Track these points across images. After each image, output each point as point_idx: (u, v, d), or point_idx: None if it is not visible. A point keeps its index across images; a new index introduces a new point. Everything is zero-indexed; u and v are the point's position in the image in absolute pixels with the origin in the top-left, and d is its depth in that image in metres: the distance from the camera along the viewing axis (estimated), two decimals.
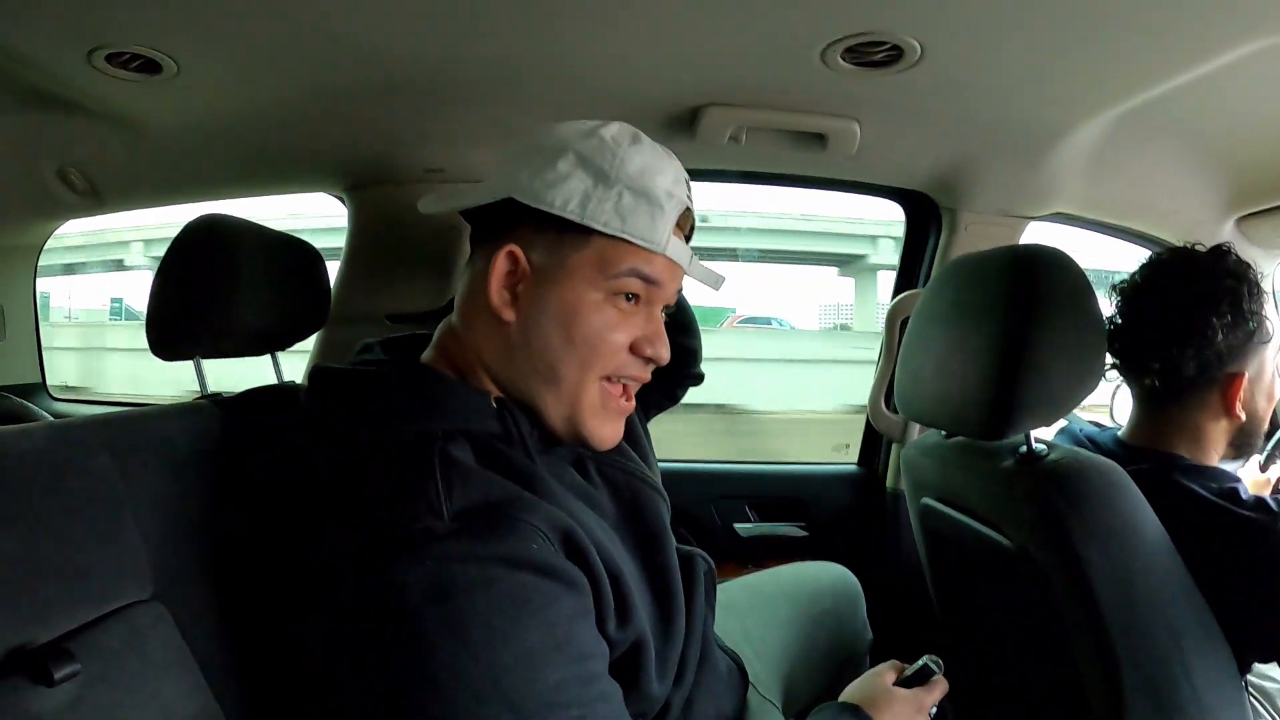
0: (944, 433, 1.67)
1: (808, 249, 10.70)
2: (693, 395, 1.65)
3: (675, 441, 2.61)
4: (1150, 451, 1.51)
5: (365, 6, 1.42)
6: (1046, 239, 2.30)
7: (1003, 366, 1.32)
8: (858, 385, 2.82)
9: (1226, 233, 2.45)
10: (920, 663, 1.35)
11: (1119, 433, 1.61)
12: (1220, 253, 1.49)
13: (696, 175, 2.26)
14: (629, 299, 1.07)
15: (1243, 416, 1.49)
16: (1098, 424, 1.74)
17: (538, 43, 1.57)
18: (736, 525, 2.43)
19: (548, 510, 0.94)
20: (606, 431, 1.11)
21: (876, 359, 2.43)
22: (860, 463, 2.58)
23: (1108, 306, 1.51)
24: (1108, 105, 1.79)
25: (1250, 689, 1.64)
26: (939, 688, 1.33)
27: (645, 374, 1.12)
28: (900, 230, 2.46)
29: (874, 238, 10.14)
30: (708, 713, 1.21)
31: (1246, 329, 1.44)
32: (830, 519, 2.45)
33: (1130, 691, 1.30)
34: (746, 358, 8.48)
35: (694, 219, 1.15)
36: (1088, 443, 1.61)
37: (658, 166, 1.08)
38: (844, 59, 1.59)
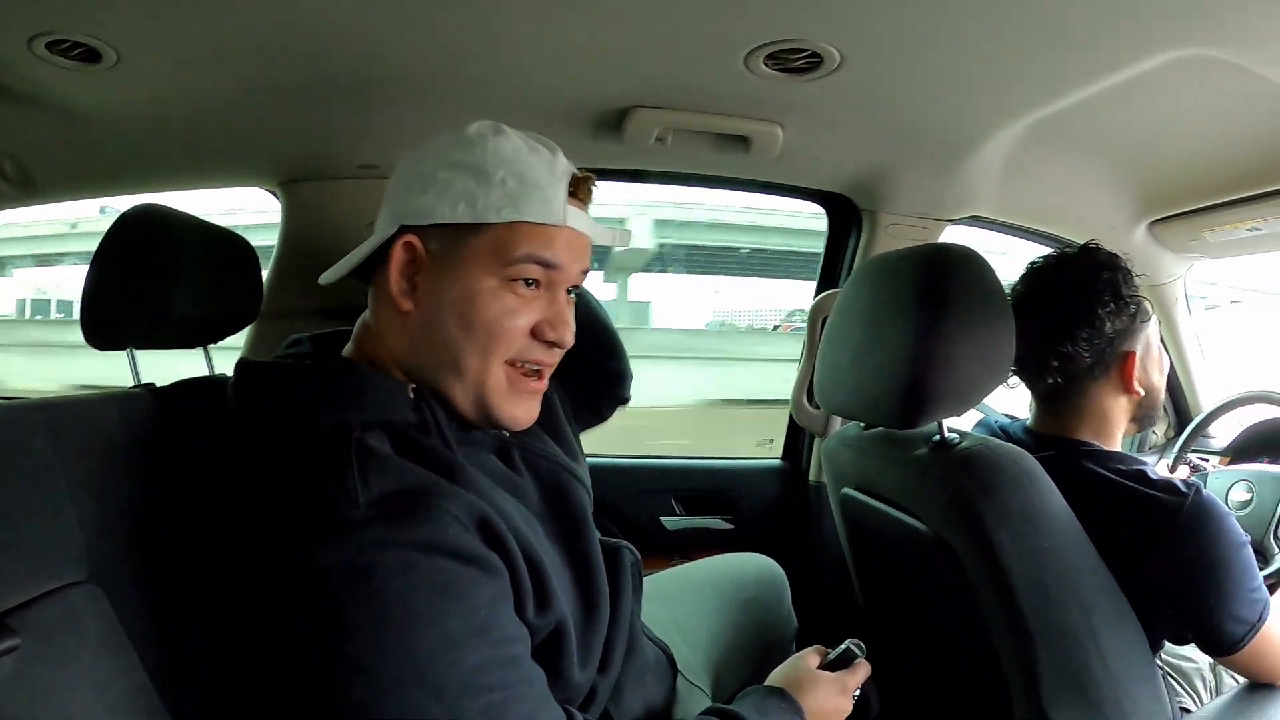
0: (862, 425, 1.72)
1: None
2: None
3: None
4: (1057, 439, 1.58)
5: (303, 1, 1.43)
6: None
7: (914, 359, 1.37)
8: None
9: (1138, 237, 2.55)
10: (843, 646, 1.39)
11: (1028, 422, 1.67)
12: (1089, 250, 1.60)
13: (624, 175, 2.32)
14: (528, 284, 1.09)
15: (1141, 391, 1.58)
16: (1012, 416, 1.81)
17: (470, 43, 1.59)
18: (663, 519, 2.47)
19: (464, 497, 0.96)
20: (519, 412, 1.13)
21: (799, 356, 2.49)
22: (784, 457, 2.63)
23: None
24: (1022, 113, 1.86)
25: (1168, 669, 1.73)
26: (862, 670, 1.37)
27: (550, 357, 1.14)
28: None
29: None
30: (635, 700, 1.23)
31: (1129, 312, 1.54)
32: (755, 512, 2.50)
33: (1045, 669, 1.35)
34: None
35: (592, 184, 1.16)
36: (1001, 433, 1.67)
37: (529, 147, 1.10)
38: (766, 64, 1.63)
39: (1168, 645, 1.81)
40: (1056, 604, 1.35)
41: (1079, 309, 1.52)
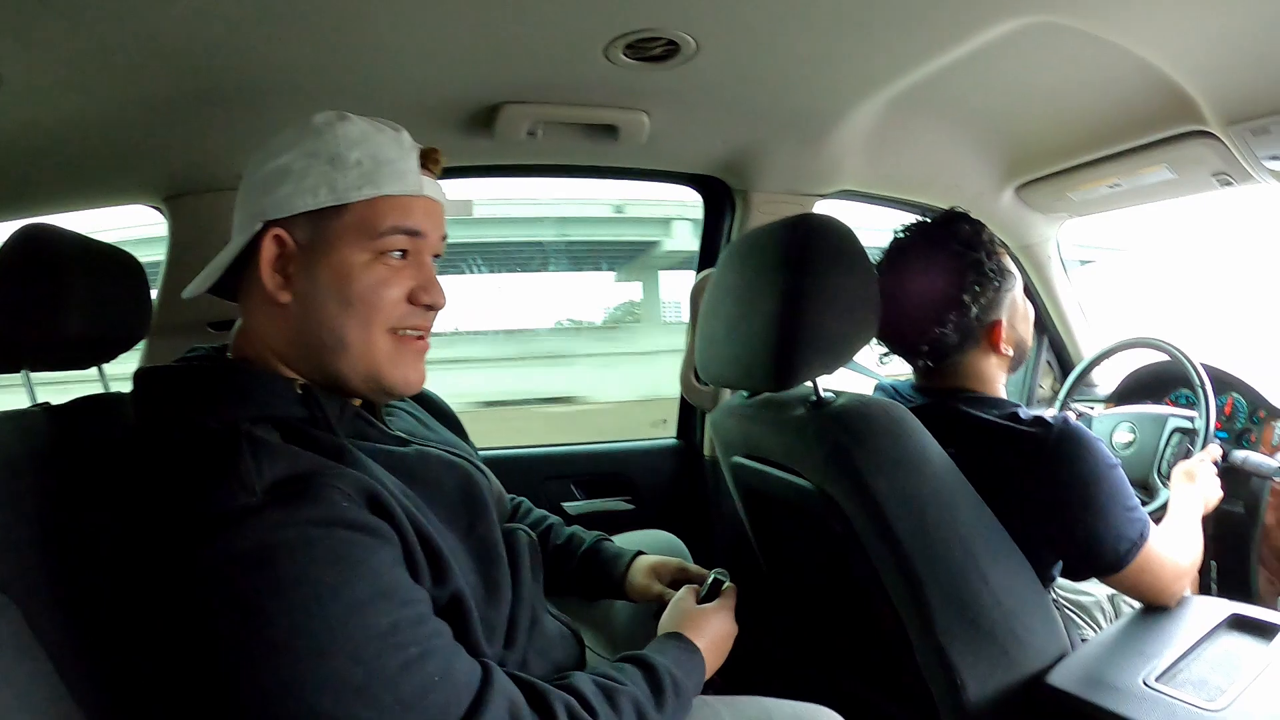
0: (746, 394, 1.78)
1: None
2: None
3: None
4: (938, 390, 1.68)
5: (175, 11, 1.42)
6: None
7: (782, 323, 1.43)
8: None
9: (1006, 200, 2.66)
10: (710, 578, 1.44)
11: (913, 380, 1.76)
12: (950, 224, 1.64)
13: (498, 171, 2.34)
14: (398, 255, 1.13)
15: (1010, 351, 1.66)
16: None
17: (343, 46, 1.61)
18: (565, 504, 2.50)
19: (352, 475, 1.00)
20: (410, 375, 1.17)
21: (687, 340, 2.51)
22: (678, 435, 2.69)
23: None
24: (881, 86, 1.93)
25: (1068, 604, 1.81)
26: (731, 594, 1.42)
27: (427, 320, 1.18)
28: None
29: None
30: (543, 672, 1.23)
31: (993, 285, 1.60)
32: (654, 491, 2.56)
33: (936, 606, 1.42)
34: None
35: (439, 156, 1.21)
36: (894, 393, 1.76)
37: (375, 128, 1.15)
38: (626, 54, 1.68)
39: (1067, 582, 1.89)
40: (939, 543, 1.42)
41: (945, 297, 1.58)
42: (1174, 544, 1.64)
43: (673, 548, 1.90)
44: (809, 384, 1.51)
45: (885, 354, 1.71)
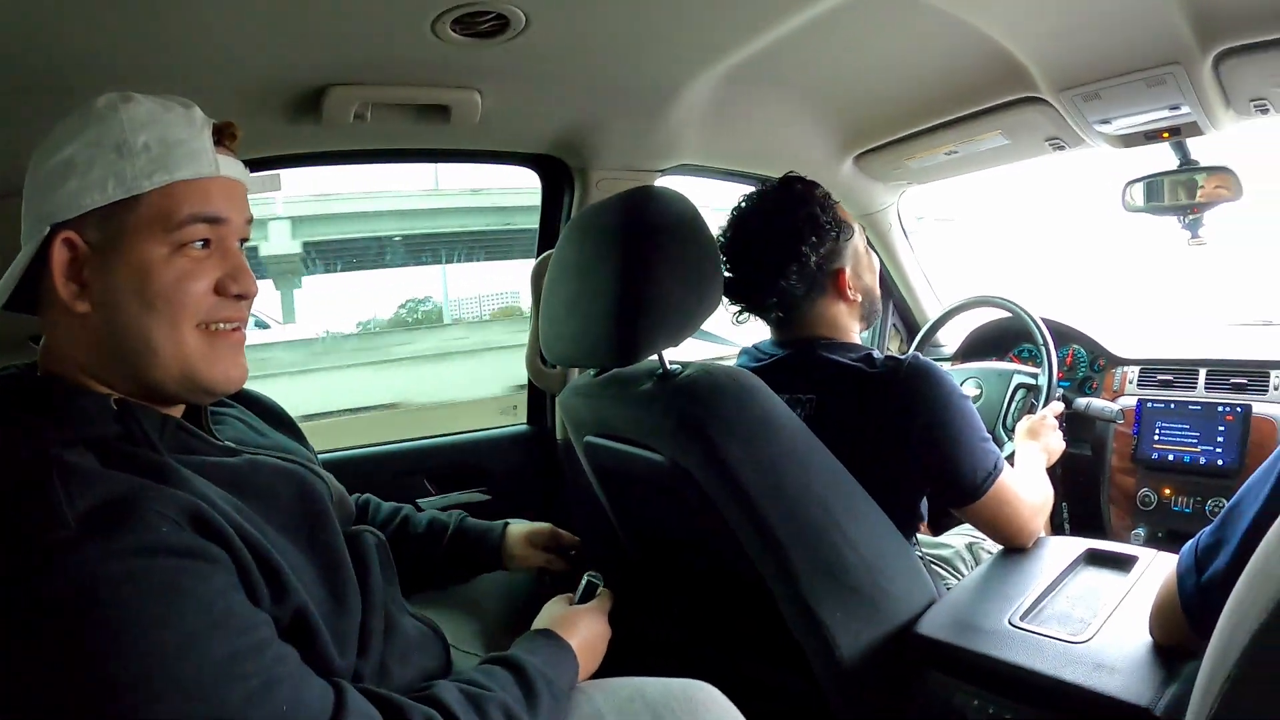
0: (593, 372, 1.76)
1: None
2: None
3: None
4: (795, 340, 1.75)
5: None
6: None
7: (624, 296, 1.42)
8: None
9: (846, 170, 2.71)
10: (584, 583, 1.45)
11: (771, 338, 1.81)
12: (786, 186, 1.75)
13: (327, 158, 2.23)
14: (199, 246, 1.05)
15: (858, 297, 1.76)
16: None
17: (150, 26, 1.50)
18: (419, 500, 2.37)
19: (174, 495, 0.92)
20: (232, 371, 1.09)
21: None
22: (530, 421, 2.65)
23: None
24: (717, 58, 1.93)
25: (930, 557, 1.85)
26: (607, 597, 1.42)
27: (240, 311, 1.10)
28: None
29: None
30: (405, 677, 1.20)
31: (831, 236, 1.70)
32: (510, 479, 2.51)
33: (800, 567, 1.43)
34: None
35: (235, 129, 1.12)
36: (756, 351, 1.82)
37: (163, 107, 1.06)
38: (454, 30, 1.62)
39: (926, 537, 1.97)
40: (796, 505, 1.43)
41: (785, 250, 1.66)
42: (1024, 483, 1.72)
43: None
44: (655, 357, 1.50)
45: (739, 313, 1.78)
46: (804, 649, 1.50)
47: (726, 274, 1.69)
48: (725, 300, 1.67)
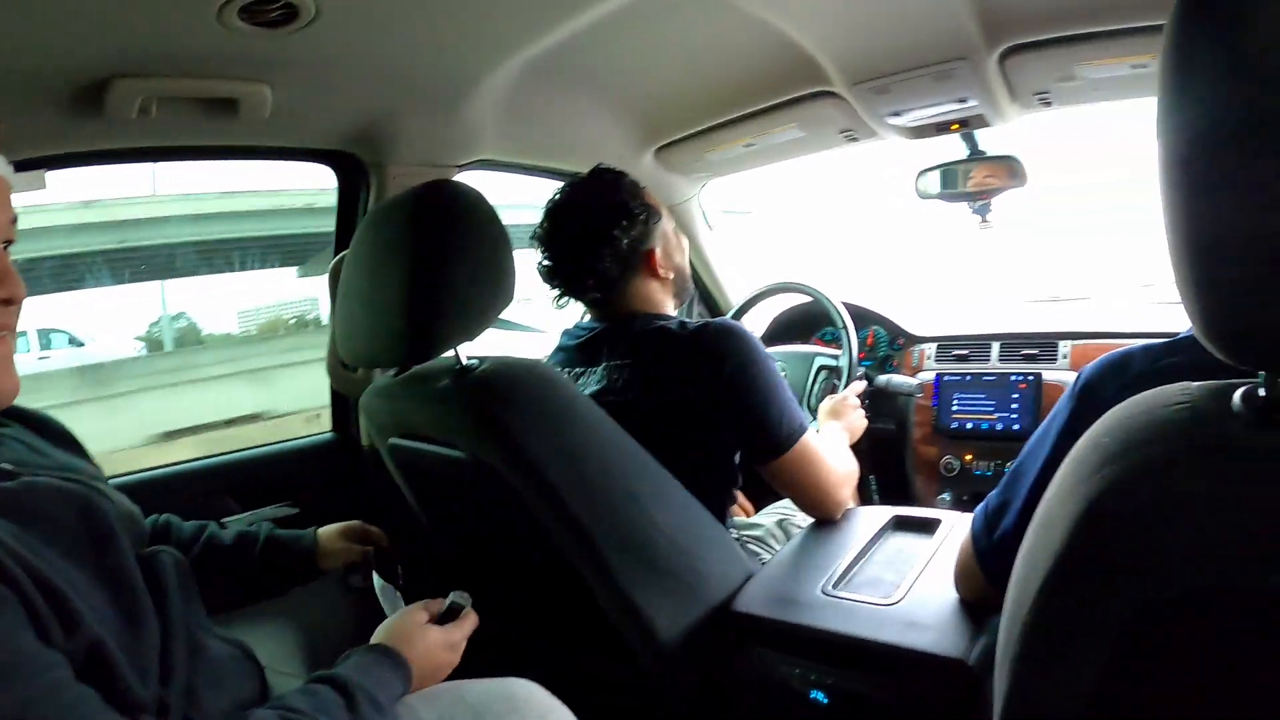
0: (393, 372, 1.72)
1: None
2: None
3: None
4: (614, 316, 1.82)
5: None
6: None
7: (416, 291, 1.39)
8: None
9: (647, 163, 2.73)
10: (449, 600, 1.37)
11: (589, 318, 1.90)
12: (595, 176, 1.84)
13: (111, 157, 2.07)
14: None
15: (670, 275, 1.85)
16: None
17: None
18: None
19: None
20: (4, 381, 1.04)
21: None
22: (334, 429, 2.55)
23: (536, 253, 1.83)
24: (514, 50, 1.92)
25: (745, 536, 1.90)
26: (469, 621, 1.35)
27: (7, 318, 1.04)
28: None
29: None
30: (217, 702, 1.12)
31: (640, 220, 1.77)
32: (317, 490, 2.40)
33: (610, 555, 1.43)
34: None
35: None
36: (576, 329, 1.89)
37: None
38: (241, 18, 1.55)
39: (739, 519, 2.03)
40: (601, 492, 1.44)
41: (597, 234, 1.74)
42: (829, 451, 1.79)
43: None
44: (453, 353, 1.49)
45: (559, 297, 1.85)
46: (624, 636, 1.50)
47: (546, 262, 1.80)
48: (546, 286, 1.81)
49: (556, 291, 1.84)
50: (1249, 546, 0.63)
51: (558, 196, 1.83)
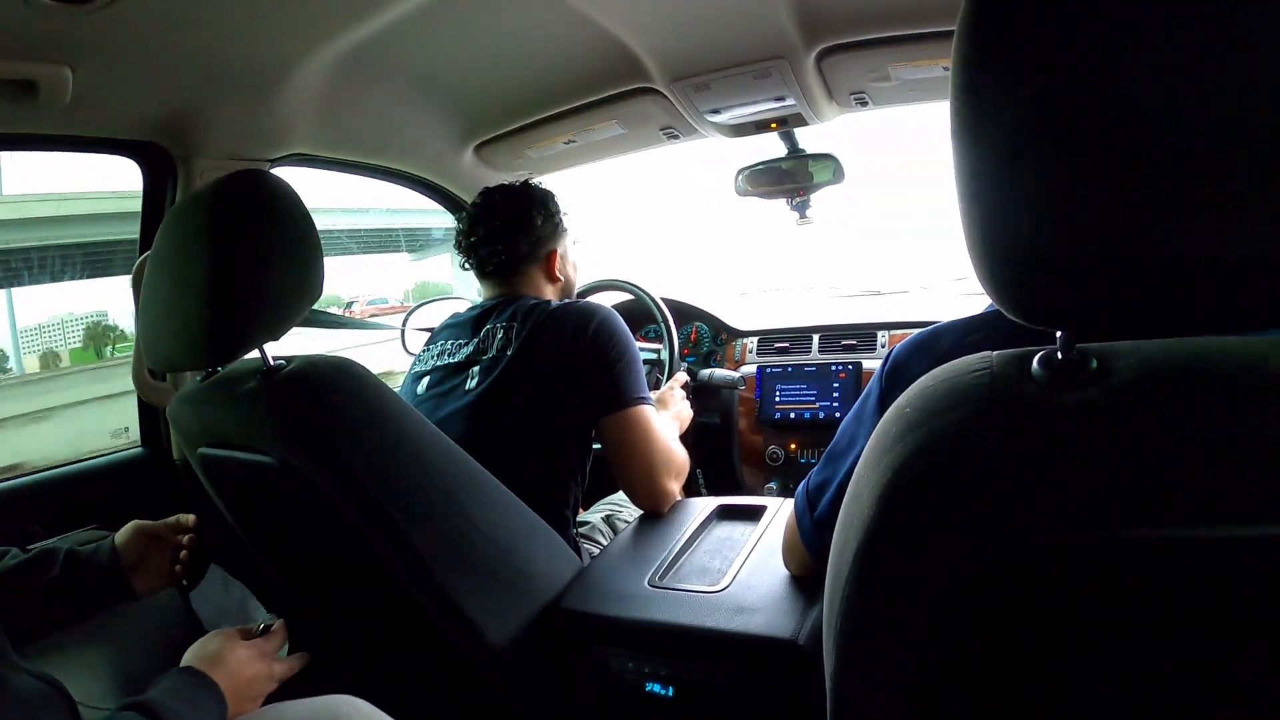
0: (200, 378, 1.62)
1: None
2: None
3: None
4: (505, 296, 2.03)
5: None
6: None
7: (219, 287, 1.32)
8: None
9: (467, 160, 2.71)
10: (260, 626, 1.36)
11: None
12: (526, 184, 2.11)
13: None
14: None
15: (561, 279, 2.11)
16: None
17: None
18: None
19: None
20: None
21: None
22: (144, 444, 2.39)
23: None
24: (324, 41, 1.86)
25: (574, 533, 1.89)
26: (279, 634, 1.33)
27: None
28: None
29: None
30: None
31: (554, 222, 2.08)
32: (127, 509, 2.12)
33: (429, 558, 1.39)
34: None
35: None
36: (470, 305, 2.11)
37: None
38: None
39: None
40: (415, 493, 1.40)
41: (521, 214, 2.03)
42: (663, 430, 1.90)
43: None
44: (259, 354, 1.42)
45: (464, 261, 2.09)
46: (454, 642, 1.48)
47: (467, 228, 2.05)
48: (454, 252, 2.10)
49: (464, 256, 2.08)
50: (1049, 506, 0.66)
51: (491, 189, 2.10)
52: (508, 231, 2.01)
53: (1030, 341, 0.68)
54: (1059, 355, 0.66)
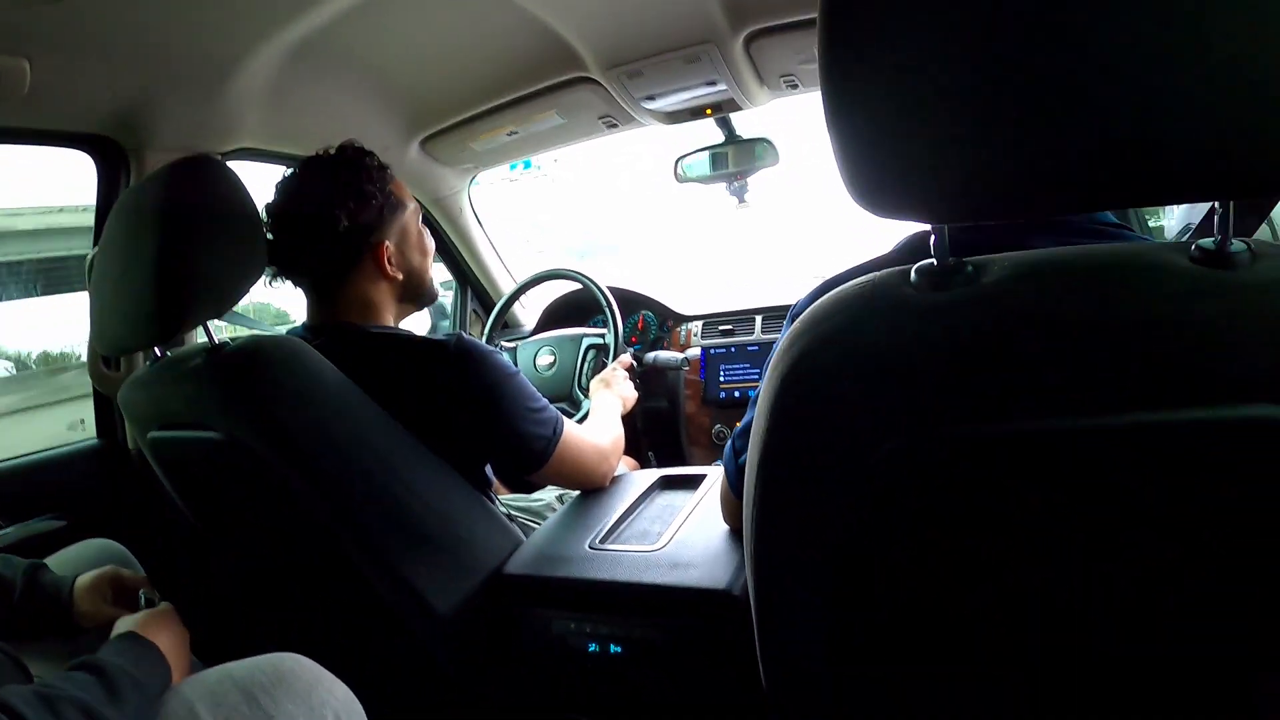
0: (150, 362, 1.65)
1: None
2: None
3: None
4: (329, 326, 1.66)
5: None
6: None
7: (164, 266, 1.36)
8: None
9: (413, 155, 2.73)
10: (142, 601, 1.41)
11: (306, 320, 1.73)
12: (340, 151, 1.69)
13: None
14: None
15: (400, 275, 1.69)
16: None
17: None
18: None
19: None
20: None
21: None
22: (99, 434, 2.39)
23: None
24: (272, 33, 1.87)
25: (519, 511, 1.91)
26: (168, 607, 1.35)
27: None
28: None
29: None
30: None
31: (373, 205, 1.63)
32: (84, 500, 2.23)
33: (374, 528, 1.44)
34: None
35: None
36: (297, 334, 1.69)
37: None
38: None
39: (517, 497, 2.07)
40: (356, 464, 1.43)
41: (320, 212, 1.59)
42: (592, 431, 1.84)
43: (113, 555, 1.78)
44: (205, 336, 1.46)
45: (274, 277, 1.70)
46: (400, 612, 1.51)
47: (267, 234, 1.61)
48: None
49: (271, 270, 1.69)
50: (932, 399, 0.71)
51: (295, 168, 1.70)
52: (312, 237, 1.61)
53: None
54: (935, 263, 0.71)
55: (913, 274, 0.72)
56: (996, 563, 0.78)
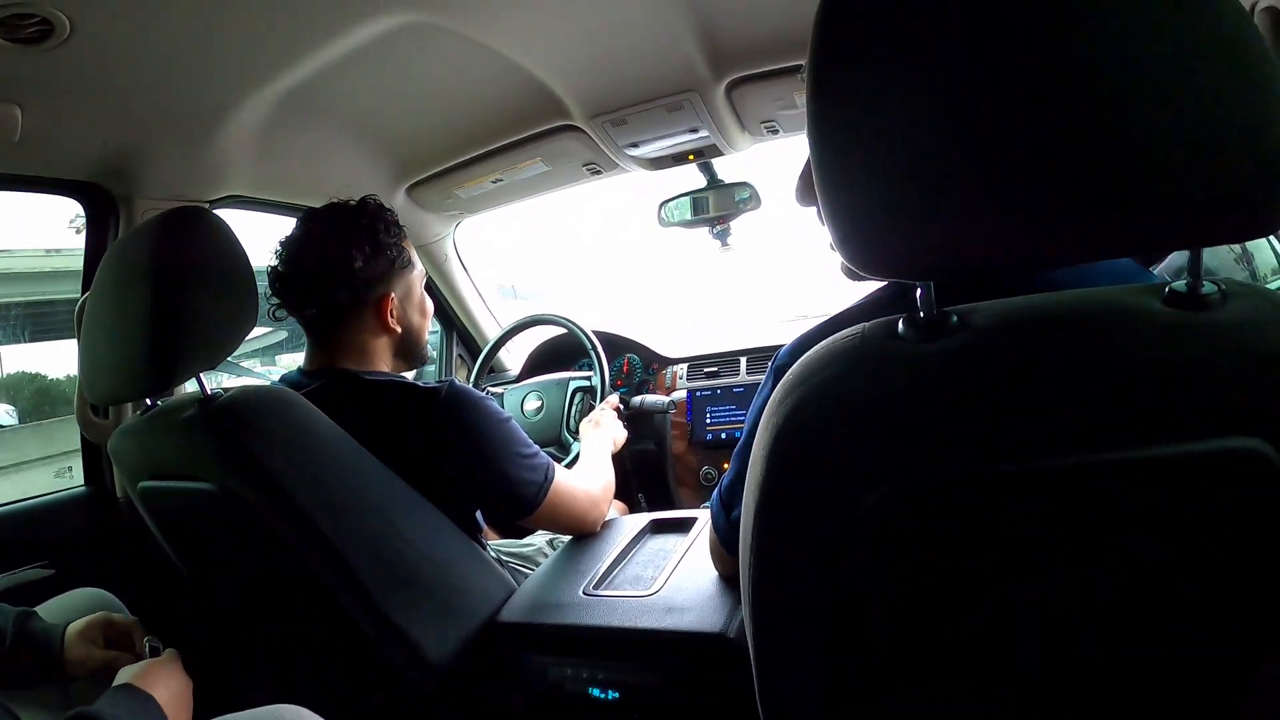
0: (140, 411, 1.65)
1: None
2: None
3: None
4: (325, 370, 1.68)
5: None
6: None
7: (155, 320, 1.36)
8: None
9: (399, 202, 2.76)
10: (146, 649, 1.41)
11: (303, 365, 1.74)
12: (363, 201, 1.73)
13: None
14: None
15: (399, 329, 1.73)
16: None
17: None
18: None
19: None
20: None
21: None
22: (87, 481, 2.38)
23: (271, 257, 1.70)
24: (263, 82, 1.91)
25: (509, 556, 1.92)
26: (173, 653, 1.37)
27: None
28: None
29: None
30: None
31: (387, 257, 1.68)
32: (74, 547, 2.23)
33: (367, 577, 1.42)
34: None
35: None
36: (292, 377, 1.75)
37: None
38: None
39: (508, 542, 2.07)
40: (351, 513, 1.43)
41: (337, 253, 1.63)
42: (583, 475, 1.85)
43: (102, 603, 1.75)
44: (197, 385, 1.46)
45: (277, 308, 1.71)
46: (395, 662, 1.50)
47: (279, 266, 1.68)
48: (267, 296, 1.67)
49: (276, 301, 1.71)
50: (922, 444, 0.73)
51: (319, 209, 1.75)
52: (324, 277, 1.64)
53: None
54: (922, 314, 0.73)
55: (900, 326, 0.74)
56: (988, 592, 0.80)
